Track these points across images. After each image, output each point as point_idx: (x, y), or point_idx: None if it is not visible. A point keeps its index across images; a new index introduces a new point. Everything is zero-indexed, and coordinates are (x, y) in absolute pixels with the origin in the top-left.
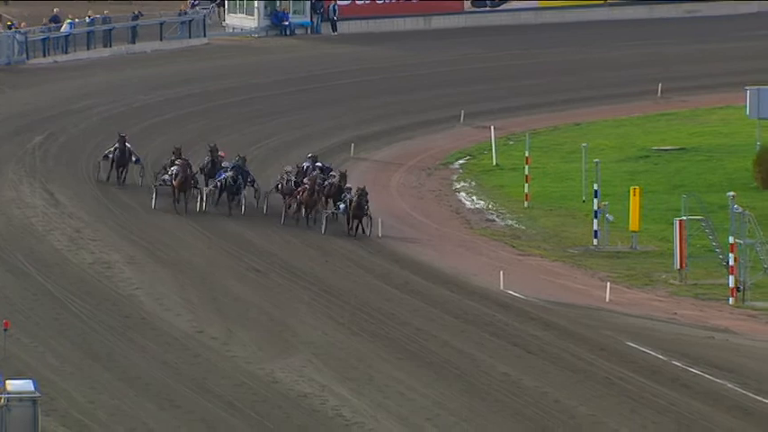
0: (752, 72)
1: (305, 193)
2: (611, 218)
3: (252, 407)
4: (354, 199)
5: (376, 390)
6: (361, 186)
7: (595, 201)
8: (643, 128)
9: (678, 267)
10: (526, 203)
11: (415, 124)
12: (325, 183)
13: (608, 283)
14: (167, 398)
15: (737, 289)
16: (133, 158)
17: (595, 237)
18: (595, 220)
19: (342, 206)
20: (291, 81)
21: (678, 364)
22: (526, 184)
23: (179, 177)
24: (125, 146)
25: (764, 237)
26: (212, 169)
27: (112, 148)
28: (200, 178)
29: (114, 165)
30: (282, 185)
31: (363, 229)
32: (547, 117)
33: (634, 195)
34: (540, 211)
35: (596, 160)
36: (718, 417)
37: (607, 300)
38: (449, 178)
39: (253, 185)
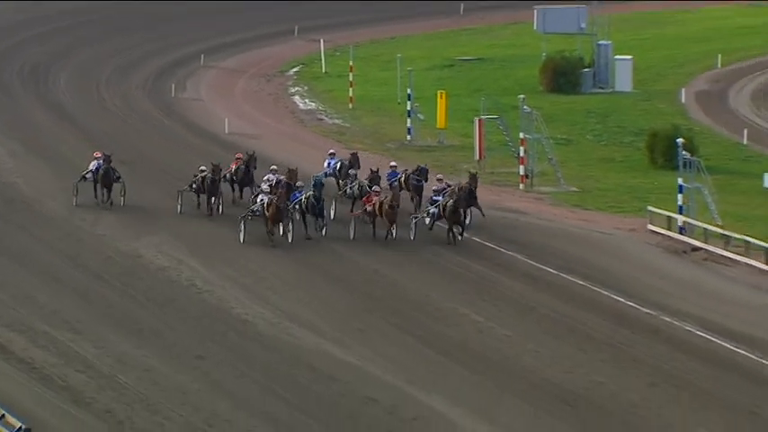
0: None
1: (383, 207)
2: (422, 117)
3: (118, 278)
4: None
5: (223, 263)
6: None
7: (409, 103)
8: (448, 41)
9: (478, 159)
10: (350, 105)
11: (255, 37)
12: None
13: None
14: (47, 272)
15: (526, 176)
16: (116, 176)
17: (409, 133)
18: (409, 119)
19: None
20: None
21: (477, 239)
22: (350, 89)
23: (272, 207)
24: (110, 165)
25: (549, 132)
26: (245, 177)
27: (93, 168)
28: (225, 185)
29: (99, 185)
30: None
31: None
32: (367, 32)
33: (441, 98)
34: (362, 111)
35: (409, 69)
36: (509, 282)
37: None
38: (285, 84)
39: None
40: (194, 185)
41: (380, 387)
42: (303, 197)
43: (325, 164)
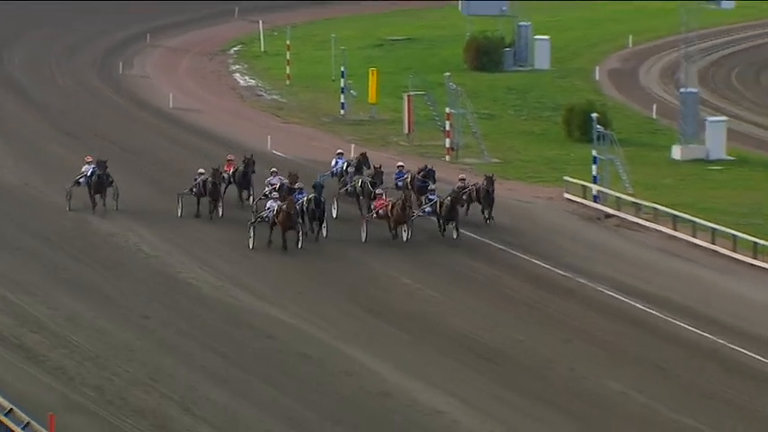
0: None
1: (394, 210)
2: (354, 93)
3: (69, 243)
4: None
5: (170, 231)
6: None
7: (342, 80)
8: (379, 22)
9: (406, 132)
10: (287, 82)
11: (198, 18)
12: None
13: (352, 145)
14: (1, 238)
15: (452, 149)
16: (109, 181)
17: (342, 108)
18: (342, 95)
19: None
20: None
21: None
22: (287, 67)
23: (282, 214)
24: (106, 171)
25: (473, 107)
26: (243, 178)
27: (88, 173)
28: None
29: (93, 190)
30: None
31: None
32: (304, 13)
33: (372, 75)
34: (298, 88)
35: (342, 48)
36: (437, 248)
37: (352, 157)
38: (226, 62)
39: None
40: (194, 189)
41: (314, 344)
42: (304, 200)
43: (333, 163)
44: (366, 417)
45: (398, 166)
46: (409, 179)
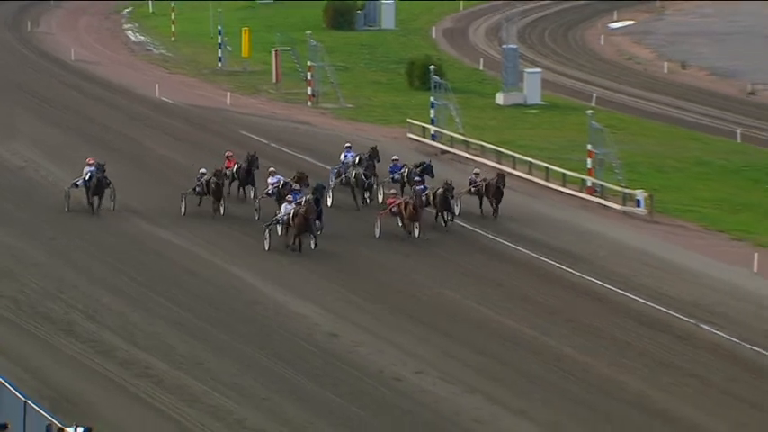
0: None
1: (408, 208)
2: (229, 48)
3: None
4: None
5: (69, 164)
6: (448, 182)
7: (219, 37)
8: None
9: (275, 81)
10: (173, 38)
11: None
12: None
13: (228, 93)
14: None
15: (313, 96)
16: (107, 182)
17: (220, 61)
18: (219, 50)
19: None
20: None
21: (275, 145)
22: (172, 26)
23: (298, 218)
24: (104, 174)
25: (330, 61)
26: (247, 176)
27: (87, 176)
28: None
29: (91, 192)
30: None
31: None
32: None
33: (245, 33)
34: (182, 44)
35: (219, 10)
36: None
37: (228, 103)
38: (119, 21)
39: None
40: (197, 189)
41: (200, 262)
42: (303, 200)
43: (342, 156)
44: (239, 319)
45: (393, 160)
46: (406, 173)
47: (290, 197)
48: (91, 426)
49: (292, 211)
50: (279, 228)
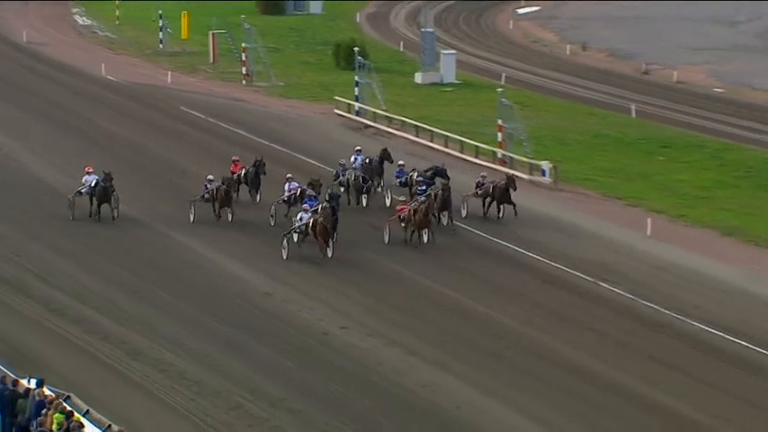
0: None
1: (417, 215)
2: (170, 31)
3: None
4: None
5: (35, 144)
6: (445, 182)
7: (161, 20)
8: None
9: (212, 62)
10: (117, 22)
11: None
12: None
13: (169, 72)
14: None
15: (247, 75)
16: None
17: (161, 43)
18: (161, 33)
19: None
20: None
21: (213, 120)
22: (117, 10)
23: (319, 226)
24: (111, 183)
25: (263, 42)
26: (255, 180)
27: (92, 184)
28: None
29: (97, 201)
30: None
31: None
32: None
33: (184, 17)
34: (126, 27)
35: None
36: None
37: (169, 81)
38: (68, 6)
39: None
40: (206, 196)
41: (144, 227)
42: (319, 208)
43: (352, 159)
44: (185, 284)
45: (399, 165)
46: (416, 176)
47: (306, 205)
48: (43, 377)
49: (311, 221)
50: (295, 236)
